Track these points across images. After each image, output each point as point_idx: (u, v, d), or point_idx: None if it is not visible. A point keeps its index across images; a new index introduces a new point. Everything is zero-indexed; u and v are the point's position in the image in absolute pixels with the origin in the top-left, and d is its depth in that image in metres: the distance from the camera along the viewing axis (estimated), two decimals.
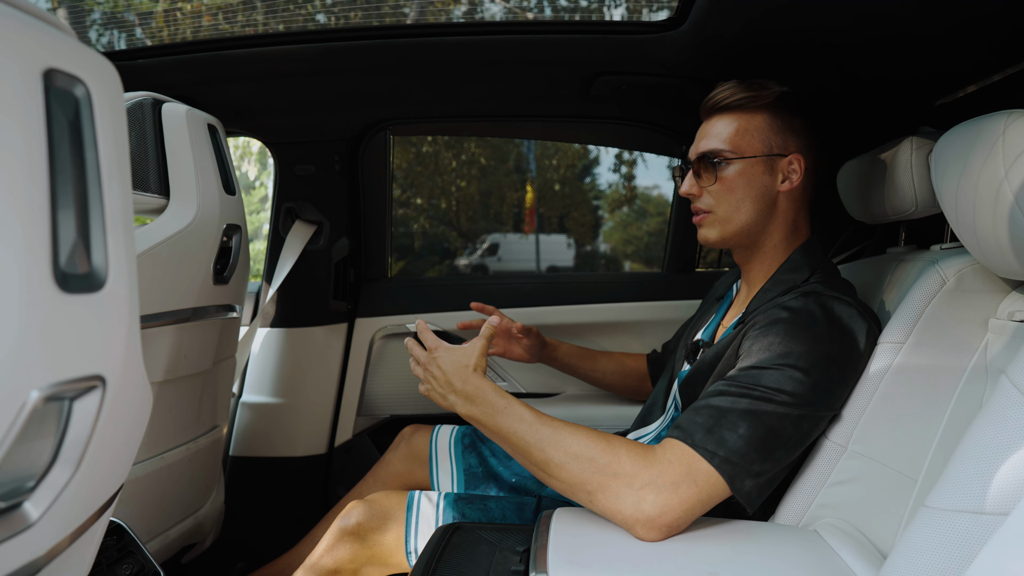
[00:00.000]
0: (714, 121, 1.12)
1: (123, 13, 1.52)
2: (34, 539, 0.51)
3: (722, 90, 1.10)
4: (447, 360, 0.97)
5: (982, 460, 0.66)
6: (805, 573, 0.81)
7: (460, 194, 8.99)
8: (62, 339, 0.46)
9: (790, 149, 1.09)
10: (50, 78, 0.45)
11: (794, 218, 1.11)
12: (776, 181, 1.09)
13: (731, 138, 1.09)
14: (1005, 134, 0.77)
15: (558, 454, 0.88)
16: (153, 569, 1.04)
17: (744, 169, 1.08)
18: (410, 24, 1.40)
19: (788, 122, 1.09)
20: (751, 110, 1.09)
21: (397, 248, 8.76)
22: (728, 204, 1.09)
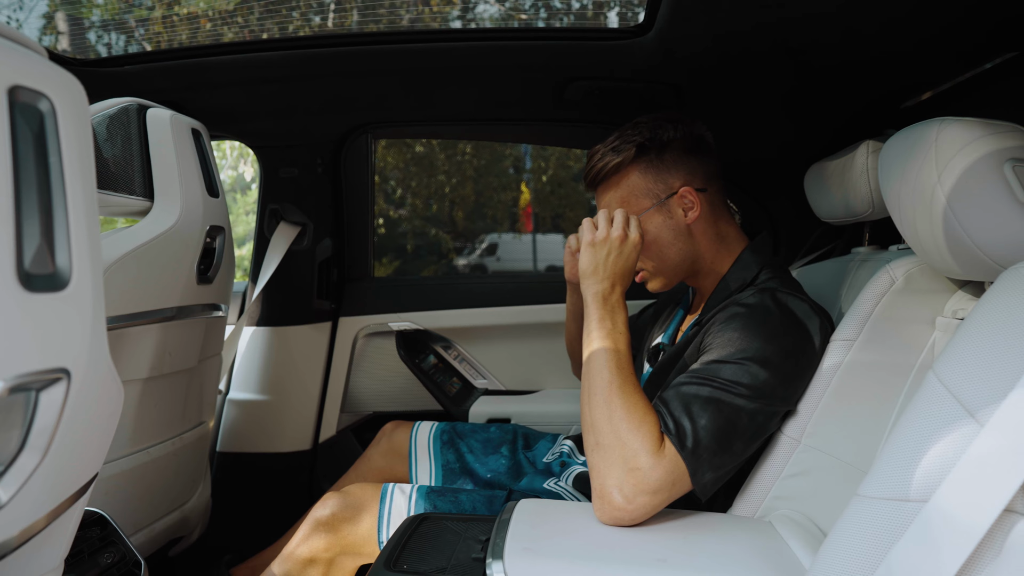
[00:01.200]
0: (600, 194, 1.17)
1: (116, 19, 1.56)
2: (5, 520, 0.55)
3: (592, 163, 1.14)
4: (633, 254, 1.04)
5: (906, 451, 0.70)
6: (751, 560, 0.84)
7: (454, 195, 9.01)
8: (26, 334, 0.49)
9: (675, 186, 1.12)
10: (14, 94, 0.49)
11: (715, 233, 1.15)
12: (679, 217, 1.12)
13: (623, 205, 1.13)
14: (937, 141, 0.81)
15: (598, 392, 0.94)
16: (134, 558, 1.08)
17: (647, 226, 1.11)
18: (389, 31, 1.44)
19: (658, 163, 1.12)
20: (623, 171, 1.13)
21: (393, 248, 8.78)
22: (653, 259, 1.14)
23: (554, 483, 1.26)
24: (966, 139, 0.78)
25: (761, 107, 1.20)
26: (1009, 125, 0.79)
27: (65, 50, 1.59)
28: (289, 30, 1.55)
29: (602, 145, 1.15)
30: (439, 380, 1.88)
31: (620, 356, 0.97)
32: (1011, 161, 0.75)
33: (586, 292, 1.03)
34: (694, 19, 1.10)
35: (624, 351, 0.98)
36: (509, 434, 1.49)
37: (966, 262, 0.83)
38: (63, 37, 1.62)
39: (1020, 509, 0.61)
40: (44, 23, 1.77)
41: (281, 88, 1.52)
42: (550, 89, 1.48)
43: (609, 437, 0.91)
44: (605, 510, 0.90)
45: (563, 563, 0.82)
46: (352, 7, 1.43)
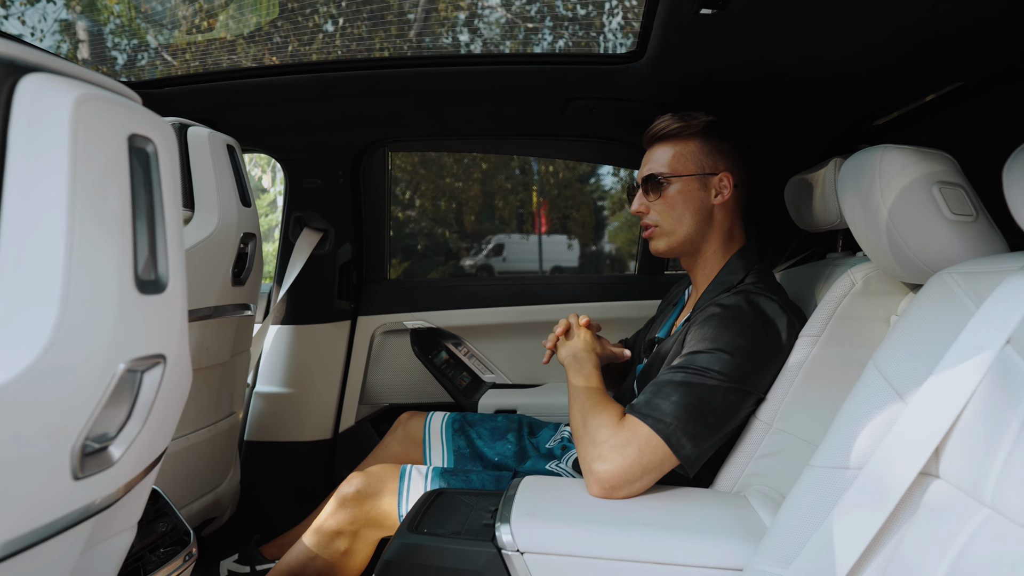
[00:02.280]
0: (655, 149, 1.30)
1: (156, 45, 1.70)
2: (114, 476, 0.69)
3: (659, 122, 1.28)
4: (590, 338, 1.32)
5: (848, 427, 0.84)
6: (722, 523, 0.98)
7: (463, 196, 9.14)
8: (139, 327, 0.63)
9: (720, 168, 1.26)
10: (132, 141, 0.63)
11: (729, 227, 1.29)
12: (710, 196, 1.27)
13: (669, 162, 1.27)
14: (880, 165, 0.94)
15: (576, 408, 1.16)
16: (184, 528, 1.22)
17: (682, 187, 1.26)
18: (403, 56, 1.57)
19: (717, 145, 1.27)
20: (684, 138, 1.27)
21: (402, 249, 8.90)
22: (671, 218, 1.28)
23: (555, 465, 1.40)
24: (902, 164, 0.91)
25: (744, 124, 1.33)
26: (939, 153, 0.92)
27: (116, 72, 1.74)
28: (312, 56, 1.69)
29: (672, 113, 1.28)
30: (450, 374, 2.01)
31: (589, 388, 1.18)
32: (938, 183, 0.88)
33: (563, 362, 1.29)
34: (680, 50, 1.24)
35: (593, 384, 1.19)
36: (515, 423, 1.63)
37: (907, 267, 0.96)
38: (116, 57, 1.77)
39: (933, 472, 0.75)
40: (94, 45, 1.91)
41: (305, 107, 1.66)
42: (552, 108, 1.62)
43: (581, 431, 1.10)
44: (591, 482, 1.04)
45: (560, 525, 0.96)
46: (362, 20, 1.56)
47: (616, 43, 1.58)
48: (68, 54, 2.00)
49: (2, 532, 0.58)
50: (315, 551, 1.28)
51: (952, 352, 0.75)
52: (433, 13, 1.64)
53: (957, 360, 0.74)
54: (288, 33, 1.67)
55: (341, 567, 1.28)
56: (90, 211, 0.57)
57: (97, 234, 0.58)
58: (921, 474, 0.75)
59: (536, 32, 1.66)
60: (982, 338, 0.73)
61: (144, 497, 0.88)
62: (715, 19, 1.06)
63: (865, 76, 1.21)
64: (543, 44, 1.57)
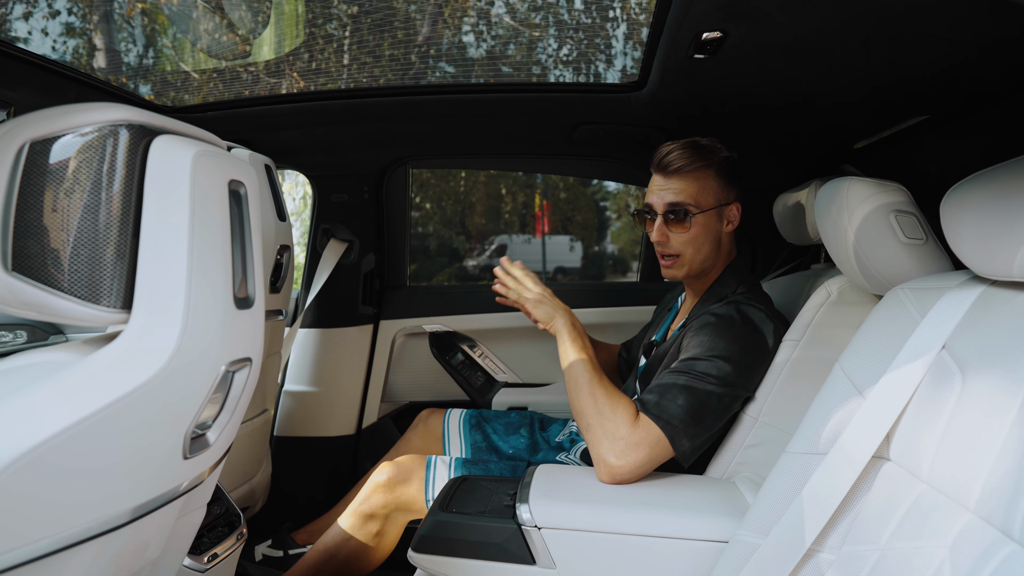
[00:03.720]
0: (672, 179, 1.34)
1: (194, 72, 1.85)
2: (208, 457, 0.84)
3: (676, 154, 1.33)
4: (551, 293, 1.38)
5: (816, 418, 0.98)
6: (712, 502, 1.13)
7: (469, 198, 9.28)
8: (236, 336, 0.79)
9: (731, 198, 1.39)
10: (231, 185, 0.78)
11: (728, 248, 1.43)
12: (723, 225, 1.39)
13: (695, 195, 1.33)
14: (848, 194, 1.09)
15: (582, 392, 1.23)
16: (235, 511, 1.37)
17: (706, 220, 1.35)
18: (425, 84, 1.73)
19: (730, 177, 1.38)
20: (706, 171, 1.34)
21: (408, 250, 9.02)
22: (693, 249, 1.36)
23: (565, 456, 1.55)
24: (865, 195, 1.06)
25: (739, 147, 1.47)
26: (895, 185, 1.07)
27: (162, 98, 1.90)
28: (340, 84, 1.84)
29: (680, 145, 1.33)
30: (466, 374, 2.15)
31: (592, 362, 1.27)
32: (894, 212, 1.03)
33: (557, 328, 1.34)
34: (677, 86, 1.38)
35: (593, 358, 1.28)
36: (527, 418, 1.78)
37: (871, 281, 1.11)
38: (152, 83, 1.92)
39: (885, 455, 0.90)
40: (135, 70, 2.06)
41: (334, 129, 1.81)
42: (561, 131, 1.77)
43: (595, 418, 1.20)
44: (603, 471, 1.18)
45: (572, 504, 1.11)
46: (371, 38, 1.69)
47: (624, 64, 1.73)
48: (111, 79, 2.16)
49: (133, 500, 0.73)
50: (350, 532, 1.43)
51: (901, 355, 0.90)
52: (441, 19, 1.78)
53: (904, 362, 0.89)
54: (313, 53, 1.82)
55: (373, 547, 1.43)
56: (203, 244, 0.72)
57: (208, 262, 0.73)
58: (875, 457, 0.90)
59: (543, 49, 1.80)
60: (924, 344, 0.87)
61: (215, 480, 1.04)
62: (708, 63, 1.20)
63: (841, 109, 1.36)
64: (549, 54, 1.71)
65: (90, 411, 0.64)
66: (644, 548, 1.07)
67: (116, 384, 0.67)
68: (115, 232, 0.68)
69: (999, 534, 0.67)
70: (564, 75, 1.76)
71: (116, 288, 0.68)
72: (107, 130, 0.68)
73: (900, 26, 0.94)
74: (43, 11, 2.63)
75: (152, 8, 1.88)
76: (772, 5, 0.96)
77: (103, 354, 0.68)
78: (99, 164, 0.68)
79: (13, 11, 2.34)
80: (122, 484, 0.71)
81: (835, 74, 1.18)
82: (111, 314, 0.68)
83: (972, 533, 0.71)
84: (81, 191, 0.67)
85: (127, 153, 0.69)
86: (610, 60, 1.80)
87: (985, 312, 0.83)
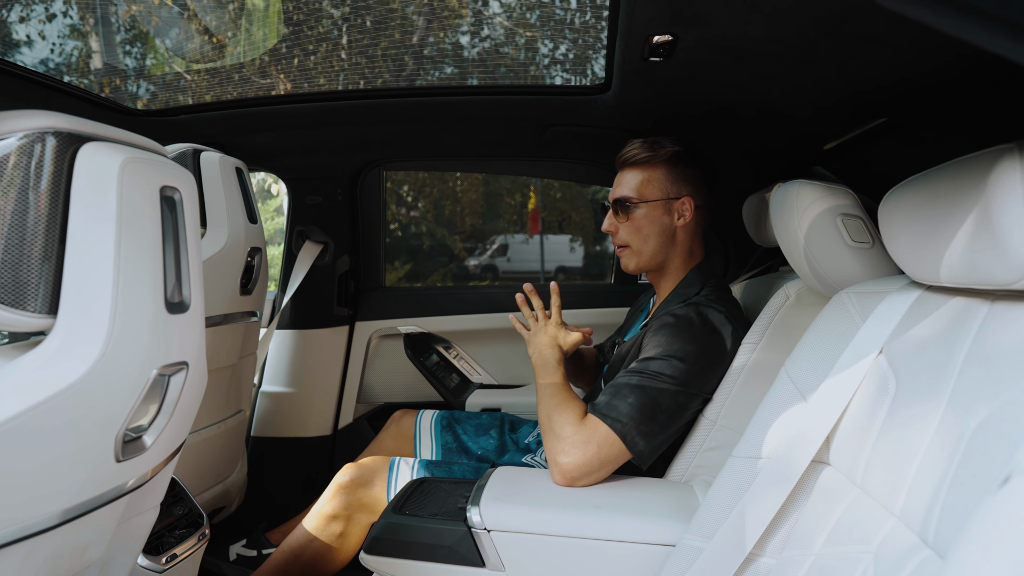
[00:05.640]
0: (625, 173, 1.43)
1: (167, 75, 1.86)
2: (147, 460, 0.85)
3: (630, 149, 1.41)
4: (556, 332, 1.37)
5: (762, 422, 0.99)
6: (665, 506, 1.13)
7: (465, 198, 9.27)
8: (169, 341, 0.79)
9: (683, 193, 1.40)
10: (163, 191, 0.78)
11: (690, 246, 1.43)
12: (673, 219, 1.41)
13: (637, 187, 1.40)
14: (797, 196, 1.09)
15: (542, 405, 1.27)
16: (198, 512, 1.37)
17: (648, 212, 1.40)
18: (397, 87, 1.73)
19: (682, 172, 1.40)
20: (652, 164, 1.40)
21: (406, 249, 9.04)
22: (638, 239, 1.41)
23: (531, 458, 1.55)
24: (812, 198, 1.06)
25: (713, 150, 1.46)
26: (843, 189, 1.07)
27: (133, 100, 1.91)
28: (319, 81, 1.84)
29: (634, 142, 1.40)
30: (440, 375, 2.16)
31: (555, 385, 1.29)
32: (841, 215, 1.03)
33: (531, 358, 1.37)
34: (639, 88, 1.39)
35: (557, 381, 1.30)
36: (498, 420, 1.78)
37: (823, 284, 1.11)
38: (125, 85, 1.93)
39: (825, 460, 0.90)
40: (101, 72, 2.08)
41: (307, 132, 1.82)
42: (532, 133, 1.77)
43: (547, 426, 1.24)
44: (555, 472, 1.19)
45: (522, 507, 1.11)
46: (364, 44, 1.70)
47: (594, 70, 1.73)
48: (91, 82, 2.17)
49: (61, 501, 0.74)
50: (313, 534, 1.43)
51: (841, 359, 0.90)
52: (435, 21, 1.78)
53: (844, 366, 0.89)
54: (294, 49, 1.83)
55: (336, 548, 1.44)
56: (131, 249, 0.73)
57: (136, 267, 0.74)
58: (815, 462, 0.90)
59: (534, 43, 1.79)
60: (863, 348, 0.88)
61: (166, 481, 1.04)
62: (664, 65, 1.21)
63: (802, 113, 1.36)
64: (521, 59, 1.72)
65: (12, 415, 0.64)
66: (593, 551, 1.07)
67: (39, 388, 0.67)
68: (41, 238, 0.68)
69: (917, 539, 0.67)
70: (537, 77, 1.77)
71: (42, 293, 0.69)
72: (34, 136, 0.69)
73: (843, 30, 0.94)
74: (16, 13, 2.65)
75: (124, 10, 1.89)
76: (716, 9, 0.96)
77: (28, 359, 0.69)
78: (25, 171, 0.68)
79: None
80: (48, 487, 0.72)
81: (792, 77, 1.18)
82: (36, 319, 0.69)
83: (894, 538, 0.71)
84: (6, 196, 0.67)
85: (54, 160, 0.69)
86: (580, 63, 1.81)
87: (919, 316, 0.83)
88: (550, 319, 1.38)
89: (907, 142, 1.27)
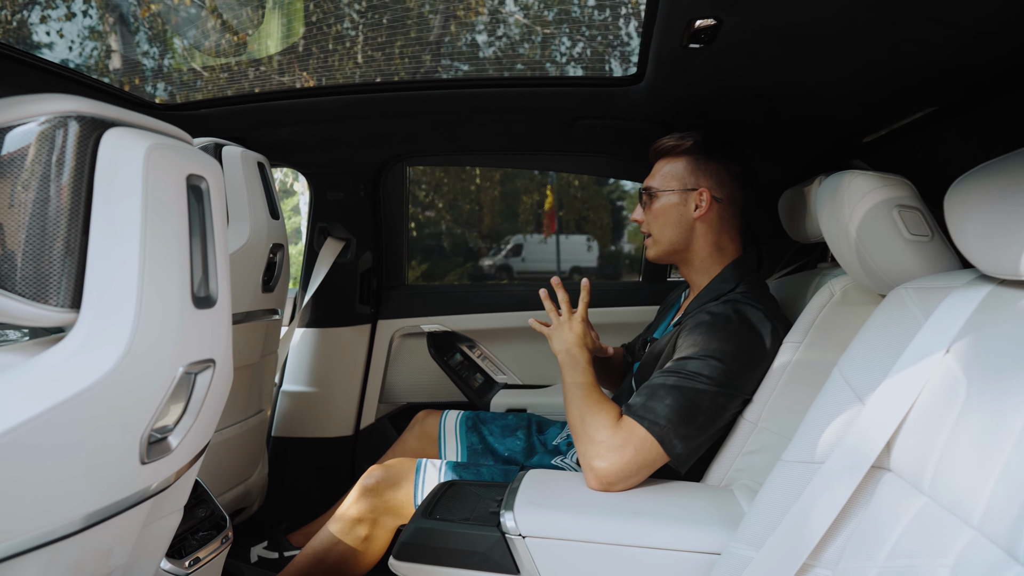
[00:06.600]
0: (656, 164, 1.43)
1: (184, 74, 1.83)
2: (172, 462, 0.81)
3: (661, 139, 1.40)
4: (582, 330, 1.33)
5: (813, 425, 0.93)
6: (706, 512, 1.08)
7: (483, 197, 9.25)
8: (195, 337, 0.75)
9: (700, 184, 1.37)
10: (190, 179, 0.75)
11: (715, 240, 1.38)
12: (690, 210, 1.37)
13: (658, 177, 1.40)
14: (848, 188, 1.03)
15: (574, 406, 1.22)
16: (221, 514, 1.34)
17: (664, 201, 1.39)
18: (420, 80, 1.69)
19: (702, 164, 1.37)
20: (676, 155, 1.39)
21: (422, 249, 9.03)
22: (656, 228, 1.40)
23: (560, 460, 1.51)
24: (866, 189, 1.01)
25: (739, 142, 1.42)
26: (899, 179, 1.01)
27: (154, 94, 1.89)
28: (338, 77, 1.81)
29: (667, 135, 1.41)
30: (464, 375, 2.12)
31: (585, 385, 1.25)
32: (898, 207, 0.98)
33: (557, 355, 1.33)
34: (674, 78, 1.33)
35: (588, 381, 1.26)
36: (524, 421, 1.74)
37: (874, 280, 1.05)
38: (152, 82, 1.91)
39: (885, 465, 0.85)
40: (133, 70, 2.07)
41: (330, 127, 1.78)
42: (559, 126, 1.72)
43: (579, 428, 1.19)
44: (590, 477, 1.14)
45: (558, 512, 1.07)
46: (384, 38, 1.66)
47: (623, 61, 1.68)
48: (112, 79, 2.16)
49: (85, 505, 0.70)
50: (338, 537, 1.40)
51: (903, 359, 0.85)
52: (452, 19, 1.74)
53: (906, 367, 0.83)
54: (312, 47, 1.80)
55: (362, 552, 1.40)
56: (157, 241, 0.69)
57: (162, 260, 0.70)
58: (874, 467, 0.85)
59: (553, 39, 1.75)
60: (927, 347, 0.82)
61: (190, 484, 1.00)
62: (703, 52, 1.15)
63: (846, 101, 1.30)
64: (557, 52, 1.67)
65: (31, 415, 0.61)
66: (633, 559, 1.02)
67: (61, 386, 0.64)
68: (63, 228, 0.65)
69: (1004, 555, 0.62)
70: (565, 70, 1.72)
71: (64, 287, 0.65)
72: (56, 121, 0.65)
73: (900, 10, 0.88)
74: (39, 8, 2.64)
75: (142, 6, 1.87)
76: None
77: (49, 355, 0.65)
78: (47, 157, 0.65)
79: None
80: (72, 490, 0.68)
81: (836, 63, 1.12)
82: (58, 313, 0.65)
83: (975, 552, 0.65)
84: (28, 185, 0.64)
85: (76, 146, 0.66)
86: (610, 54, 1.75)
87: (992, 314, 0.77)
88: (575, 315, 1.34)
89: (961, 133, 1.21)
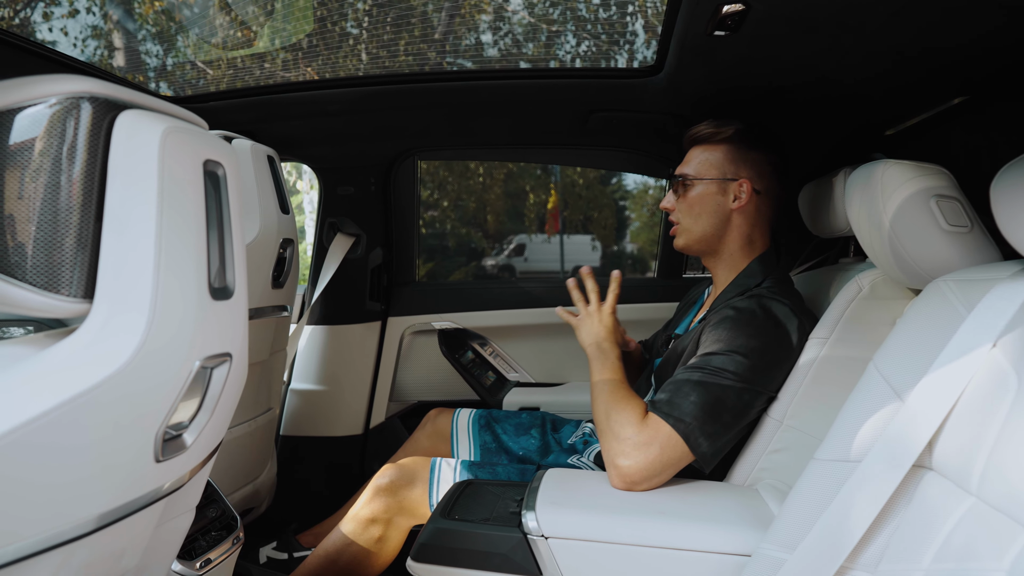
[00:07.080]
0: (691, 151, 1.39)
1: (197, 62, 1.81)
2: (186, 460, 0.78)
3: (697, 126, 1.37)
4: (612, 323, 1.32)
5: (850, 422, 0.90)
6: (733, 512, 1.05)
7: (487, 196, 9.22)
8: (212, 329, 0.72)
9: (740, 175, 1.33)
10: (206, 165, 0.72)
11: (748, 233, 1.35)
12: (728, 200, 1.34)
13: (696, 165, 1.36)
14: (882, 179, 1.00)
15: (600, 401, 1.20)
16: (232, 514, 1.31)
17: (702, 190, 1.34)
18: (432, 71, 1.66)
19: (744, 154, 1.33)
20: (715, 143, 1.35)
21: (426, 248, 9.01)
22: (689, 217, 1.36)
23: (577, 459, 1.48)
24: (902, 179, 0.97)
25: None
26: (936, 168, 0.98)
27: (162, 88, 1.86)
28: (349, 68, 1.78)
29: (705, 121, 1.37)
30: (476, 373, 2.09)
31: (614, 381, 1.23)
32: (936, 197, 0.94)
33: (586, 348, 1.31)
34: (695, 68, 1.30)
35: (617, 377, 1.23)
36: (538, 419, 1.71)
37: (908, 274, 1.02)
38: (161, 71, 1.89)
39: (926, 464, 0.81)
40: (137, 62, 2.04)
41: (340, 120, 1.75)
42: (574, 119, 1.69)
43: (604, 425, 1.16)
44: (613, 475, 1.11)
45: (582, 512, 1.03)
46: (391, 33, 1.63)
47: (638, 53, 1.65)
48: (117, 72, 2.13)
49: (99, 505, 0.67)
50: (351, 538, 1.36)
51: (944, 354, 0.81)
52: (457, 16, 1.71)
53: (949, 362, 0.80)
54: (318, 42, 1.77)
55: (375, 553, 1.37)
56: (174, 228, 0.66)
57: (179, 248, 0.67)
58: (915, 467, 0.81)
59: (559, 36, 1.73)
60: (972, 342, 0.79)
61: (203, 483, 0.97)
62: (728, 40, 1.12)
63: (871, 92, 1.27)
64: (566, 47, 1.64)
65: (42, 410, 0.58)
66: (660, 560, 0.99)
67: (74, 380, 0.61)
68: (76, 214, 0.62)
69: None
70: (581, 62, 1.69)
71: (77, 276, 0.62)
72: (68, 103, 0.62)
73: None
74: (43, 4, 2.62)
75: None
76: None
77: (62, 347, 0.62)
78: (59, 141, 0.61)
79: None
80: (85, 489, 0.65)
81: (864, 53, 1.09)
82: (71, 304, 0.62)
83: None
84: (38, 171, 0.61)
85: (90, 129, 0.63)
86: (627, 46, 1.72)
87: None
88: (604, 307, 1.31)
89: (993, 124, 1.18)
